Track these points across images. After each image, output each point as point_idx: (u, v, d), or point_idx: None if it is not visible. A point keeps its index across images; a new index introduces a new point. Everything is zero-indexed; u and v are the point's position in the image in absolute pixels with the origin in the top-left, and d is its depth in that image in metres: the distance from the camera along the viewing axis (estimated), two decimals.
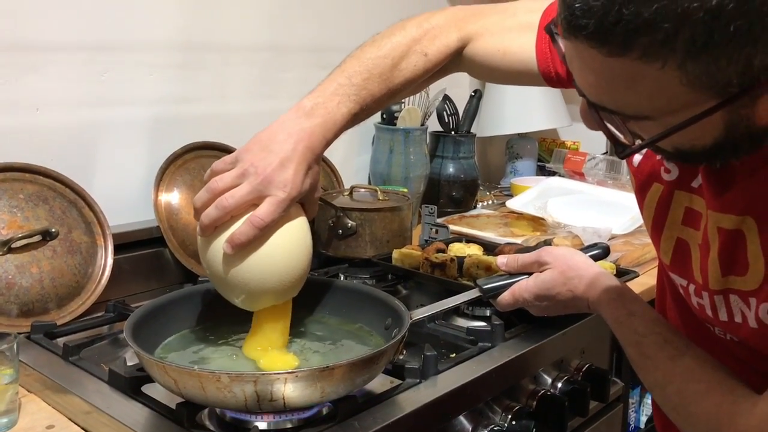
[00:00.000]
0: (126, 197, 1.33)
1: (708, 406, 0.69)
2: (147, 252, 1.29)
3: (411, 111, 1.68)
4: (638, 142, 0.61)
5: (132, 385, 0.89)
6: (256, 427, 0.79)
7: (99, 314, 1.15)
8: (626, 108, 0.58)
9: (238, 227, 0.83)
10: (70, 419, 0.89)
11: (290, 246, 0.88)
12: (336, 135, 0.89)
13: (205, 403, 0.81)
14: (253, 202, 0.84)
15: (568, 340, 1.12)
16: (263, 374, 0.75)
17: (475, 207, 1.89)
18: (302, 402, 0.78)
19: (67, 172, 1.19)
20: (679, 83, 0.53)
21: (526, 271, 0.92)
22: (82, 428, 0.87)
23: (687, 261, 0.74)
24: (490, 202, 1.97)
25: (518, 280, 0.92)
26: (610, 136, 0.62)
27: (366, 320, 1.00)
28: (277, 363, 0.87)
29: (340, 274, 1.36)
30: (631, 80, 0.54)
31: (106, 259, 1.19)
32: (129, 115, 1.34)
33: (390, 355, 0.86)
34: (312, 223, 1.30)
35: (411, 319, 0.91)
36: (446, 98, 1.79)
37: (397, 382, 0.93)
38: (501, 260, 0.95)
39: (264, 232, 0.84)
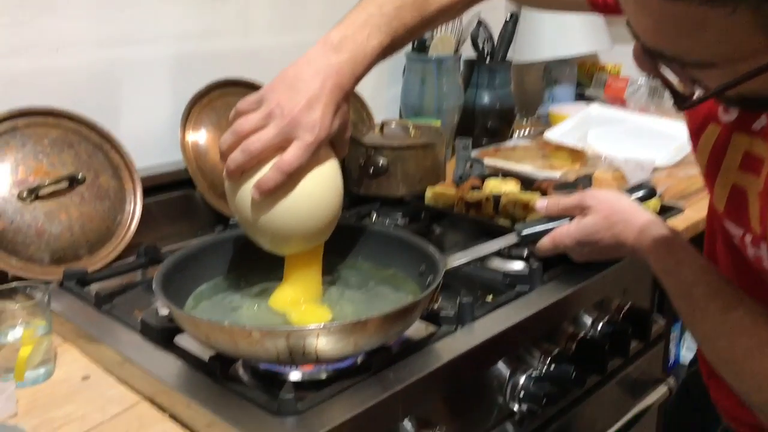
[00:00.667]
0: (153, 139, 1.30)
1: (759, 363, 0.66)
2: (176, 195, 1.28)
3: (444, 39, 1.61)
4: (698, 90, 0.55)
5: (164, 336, 0.88)
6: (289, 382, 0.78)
7: (130, 259, 1.14)
8: (687, 55, 0.52)
9: (266, 173, 0.80)
10: (105, 369, 0.89)
11: (320, 190, 0.85)
12: (366, 70, 0.84)
13: (236, 356, 0.79)
14: (281, 145, 0.81)
15: (609, 281, 1.08)
16: (295, 329, 0.74)
17: (511, 137, 1.83)
18: (335, 355, 0.77)
19: (91, 114, 1.16)
20: (752, 28, 0.47)
21: (568, 215, 0.88)
22: (118, 378, 0.87)
23: (743, 209, 0.69)
24: (527, 131, 1.90)
25: (558, 225, 0.88)
26: (666, 84, 0.57)
27: (400, 266, 0.97)
28: (309, 316, 0.85)
29: (372, 213, 1.33)
30: (696, 26, 0.48)
31: (136, 204, 1.18)
32: (152, 52, 1.30)
33: (424, 306, 0.83)
34: (342, 162, 1.27)
35: (446, 266, 0.88)
36: (480, 23, 1.71)
37: (432, 328, 0.91)
38: (541, 204, 0.90)
39: (292, 178, 0.81)
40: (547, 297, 0.99)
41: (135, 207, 1.17)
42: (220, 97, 1.33)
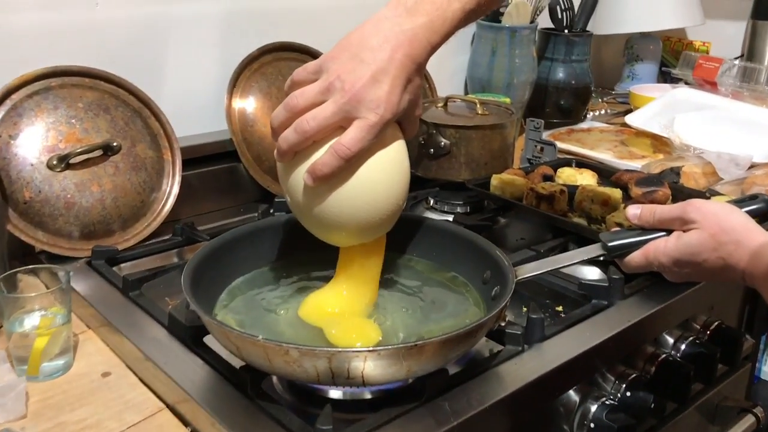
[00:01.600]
0: (195, 106, 1.20)
1: None
2: (219, 167, 1.18)
3: (520, 6, 1.46)
4: None
5: (192, 335, 0.78)
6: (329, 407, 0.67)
7: (166, 237, 1.05)
8: None
9: (321, 157, 0.69)
10: (128, 366, 0.80)
11: (383, 177, 0.73)
12: (444, 39, 0.71)
13: (270, 373, 0.69)
14: (340, 125, 0.69)
15: (698, 296, 0.95)
16: (339, 351, 0.63)
17: (585, 117, 1.68)
18: (384, 379, 0.66)
19: (129, 76, 1.06)
20: None
21: (665, 228, 0.74)
22: (141, 378, 0.78)
23: None
24: (603, 111, 1.74)
25: (652, 238, 0.75)
26: None
27: (461, 269, 0.86)
28: (354, 331, 0.73)
29: (429, 198, 1.21)
30: None
31: (174, 176, 1.08)
32: (198, 10, 1.18)
33: (489, 326, 0.72)
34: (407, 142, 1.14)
35: (516, 278, 0.76)
36: None
37: (495, 346, 0.79)
38: (632, 211, 0.77)
39: (351, 163, 0.70)
40: (629, 315, 0.86)
41: (173, 180, 1.08)
42: (272, 63, 1.22)
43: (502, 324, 0.79)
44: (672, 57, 1.94)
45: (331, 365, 0.63)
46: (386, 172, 0.74)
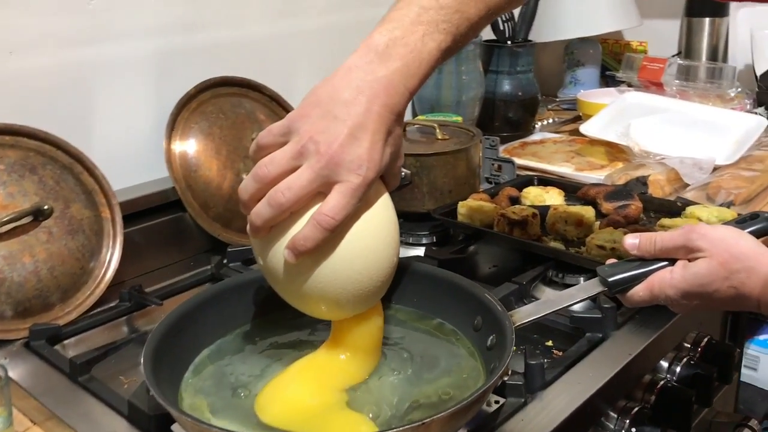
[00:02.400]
0: (132, 155, 1.10)
1: None
2: (163, 220, 1.07)
3: None
4: None
5: (158, 425, 0.69)
6: None
7: (112, 304, 0.95)
8: None
9: (302, 230, 0.62)
10: None
11: (372, 242, 0.66)
12: (422, 82, 0.65)
13: None
14: (319, 191, 0.62)
15: (691, 316, 0.90)
16: None
17: (534, 128, 1.64)
18: None
19: (55, 130, 0.95)
20: None
21: (667, 257, 0.69)
22: None
23: None
24: (550, 120, 1.71)
25: (656, 269, 0.69)
26: None
27: (448, 314, 0.79)
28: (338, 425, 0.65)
29: None
30: None
31: (115, 235, 0.98)
32: (126, 51, 1.08)
33: (494, 387, 0.65)
34: None
35: (513, 325, 0.69)
36: None
37: (495, 399, 0.73)
38: (630, 241, 0.71)
39: (336, 232, 0.62)
40: (628, 347, 0.81)
41: (115, 240, 0.98)
42: (210, 100, 1.13)
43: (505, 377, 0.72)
44: (612, 59, 1.93)
45: None
46: (375, 235, 0.66)
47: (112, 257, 0.97)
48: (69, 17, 1.01)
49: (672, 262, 0.69)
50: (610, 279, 0.71)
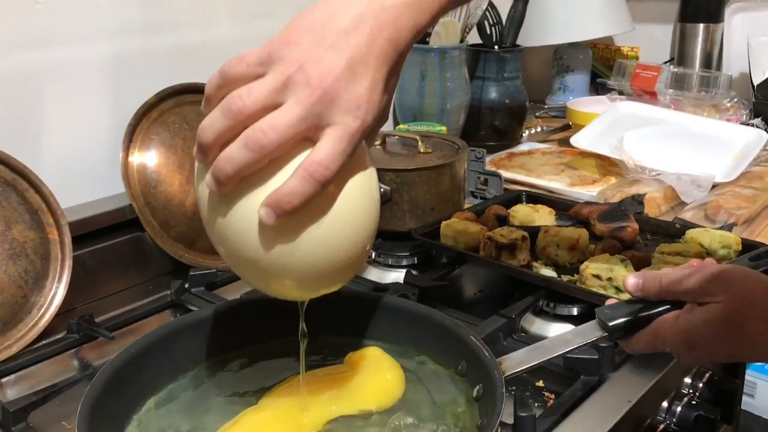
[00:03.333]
0: (85, 169, 1.00)
1: None
2: (119, 240, 0.98)
3: (448, 24, 1.33)
4: None
5: None
6: None
7: (59, 336, 0.86)
8: None
9: (287, 183, 0.50)
10: None
11: (363, 202, 0.56)
12: (431, 22, 0.55)
13: None
14: (305, 135, 0.51)
15: None
16: None
17: (521, 137, 1.56)
18: None
19: None
20: None
21: (675, 299, 0.61)
22: None
23: None
24: (538, 128, 1.64)
25: (661, 312, 0.62)
26: None
27: (430, 351, 0.71)
28: None
29: (371, 251, 1.06)
30: None
31: (64, 259, 0.89)
32: (79, 54, 0.99)
33: None
34: None
35: (504, 374, 0.62)
36: (490, 5, 1.43)
37: None
38: (633, 282, 0.63)
39: (326, 188, 0.52)
40: (628, 393, 0.73)
41: (63, 264, 0.89)
42: (173, 109, 1.04)
43: None
44: (602, 65, 1.86)
45: None
46: (365, 195, 0.56)
47: (59, 284, 0.88)
48: (14, 17, 0.92)
49: (678, 303, 0.62)
50: (611, 323, 0.63)
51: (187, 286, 0.95)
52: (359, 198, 0.56)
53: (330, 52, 0.50)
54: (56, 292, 0.87)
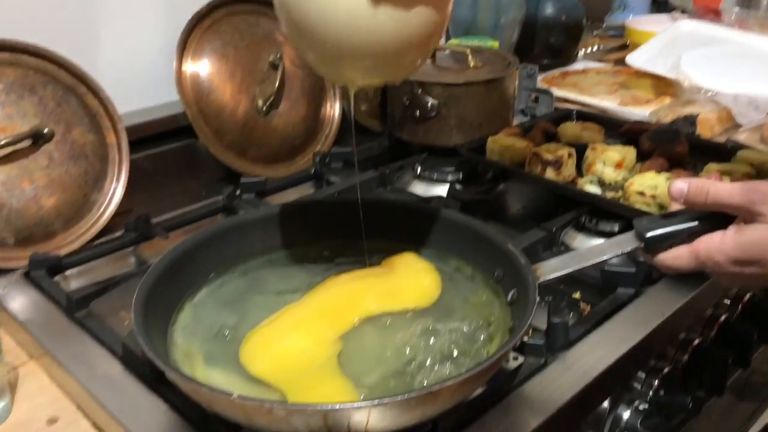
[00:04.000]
0: (140, 76, 1.03)
1: None
2: (173, 146, 1.02)
3: None
4: None
5: (153, 370, 0.65)
6: None
7: (117, 234, 0.90)
8: None
9: None
10: (78, 407, 0.67)
11: None
12: None
13: (252, 429, 0.56)
14: None
15: None
16: (337, 409, 0.50)
17: (577, 56, 1.53)
18: (392, 428, 0.53)
19: (58, 47, 0.89)
20: None
21: (720, 211, 0.60)
22: (93, 422, 0.65)
23: None
24: (595, 47, 1.60)
25: (701, 227, 0.61)
26: None
27: (467, 258, 0.73)
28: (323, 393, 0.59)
29: (416, 166, 1.07)
30: None
31: (121, 162, 0.93)
32: None
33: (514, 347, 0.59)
34: (383, 92, 0.97)
35: (538, 279, 0.63)
36: None
37: (515, 356, 0.67)
38: (678, 187, 0.62)
39: None
40: (663, 305, 0.74)
41: (120, 167, 0.93)
42: (225, 18, 1.05)
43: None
44: None
45: (327, 422, 0.50)
46: None
47: (117, 185, 0.92)
48: None
49: (723, 220, 0.61)
50: (648, 235, 0.63)
51: (238, 192, 0.98)
52: None
53: None
54: (114, 193, 0.92)
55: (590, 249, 0.67)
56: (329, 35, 0.55)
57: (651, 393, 0.75)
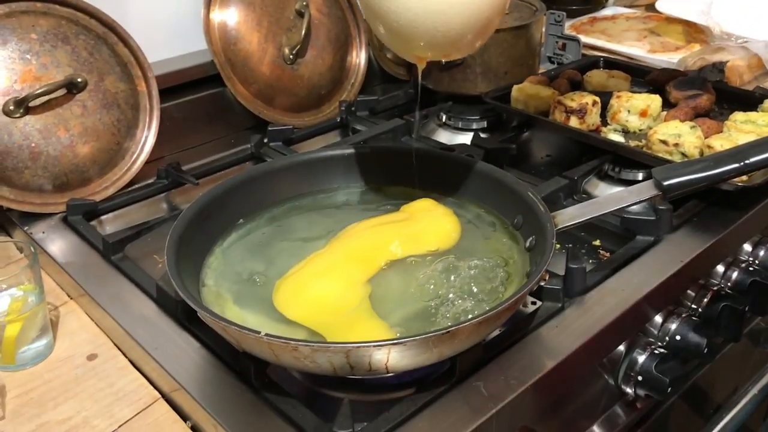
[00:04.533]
0: (168, 25, 1.04)
1: None
2: (202, 95, 1.04)
3: None
4: None
5: (185, 309, 0.68)
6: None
7: (149, 181, 0.93)
8: None
9: None
10: (115, 344, 0.71)
11: None
12: None
13: (279, 366, 0.59)
14: None
15: (755, 219, 0.84)
16: (358, 346, 0.53)
17: (606, 1, 1.50)
18: (411, 366, 0.56)
19: None
20: None
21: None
22: (129, 359, 0.69)
23: None
24: None
25: (719, 173, 0.62)
26: None
27: (487, 204, 0.75)
28: (358, 332, 0.62)
29: (441, 114, 1.08)
30: None
31: (152, 110, 0.95)
32: None
33: (531, 292, 0.61)
34: None
35: (556, 227, 0.65)
36: None
37: (533, 301, 0.69)
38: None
39: None
40: (681, 253, 0.75)
41: (151, 115, 0.95)
42: None
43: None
44: None
45: (350, 360, 0.53)
46: None
47: (148, 133, 0.94)
48: None
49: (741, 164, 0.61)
50: (666, 183, 0.64)
51: (266, 140, 1.00)
52: None
53: None
54: (146, 140, 0.94)
55: (608, 197, 0.68)
56: (404, 15, 0.59)
57: (667, 338, 0.77)
